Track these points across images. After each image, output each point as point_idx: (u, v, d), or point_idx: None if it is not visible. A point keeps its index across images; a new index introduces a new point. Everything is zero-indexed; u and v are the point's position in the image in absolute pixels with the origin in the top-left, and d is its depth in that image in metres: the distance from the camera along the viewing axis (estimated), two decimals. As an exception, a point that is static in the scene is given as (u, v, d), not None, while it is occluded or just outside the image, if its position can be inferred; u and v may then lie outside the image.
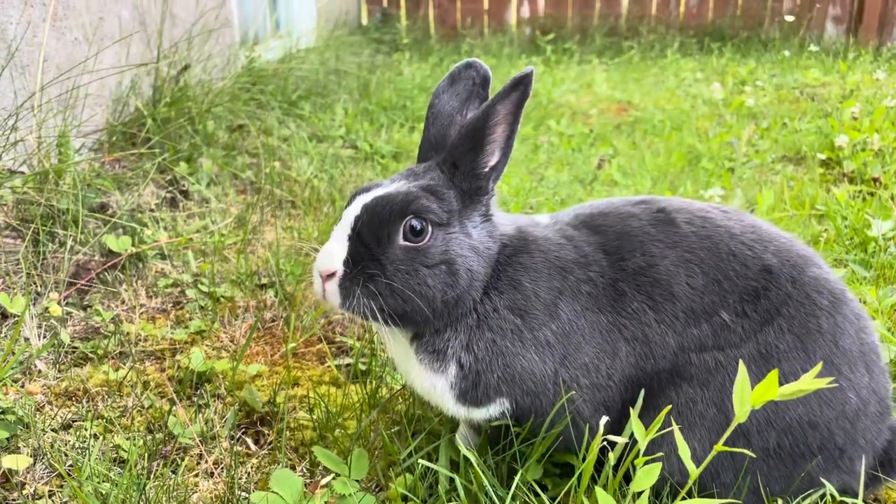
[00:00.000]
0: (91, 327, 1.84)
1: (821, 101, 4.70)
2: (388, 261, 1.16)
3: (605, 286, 1.23)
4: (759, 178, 3.17)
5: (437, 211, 1.17)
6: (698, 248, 1.22)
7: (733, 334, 1.17)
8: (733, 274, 1.20)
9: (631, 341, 1.20)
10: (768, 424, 1.14)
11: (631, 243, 1.23)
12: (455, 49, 6.36)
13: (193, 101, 3.26)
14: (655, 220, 1.26)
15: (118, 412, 1.51)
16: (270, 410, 1.53)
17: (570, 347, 1.21)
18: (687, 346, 1.19)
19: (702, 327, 1.18)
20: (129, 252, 2.10)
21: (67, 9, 2.88)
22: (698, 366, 1.18)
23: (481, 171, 1.22)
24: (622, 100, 4.88)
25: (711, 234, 1.23)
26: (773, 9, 6.76)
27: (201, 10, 3.95)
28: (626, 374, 1.21)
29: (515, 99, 1.16)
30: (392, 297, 1.15)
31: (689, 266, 1.21)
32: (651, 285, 1.20)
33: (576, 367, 1.21)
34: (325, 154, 3.28)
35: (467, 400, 1.24)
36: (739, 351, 1.16)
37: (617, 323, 1.21)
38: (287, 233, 2.39)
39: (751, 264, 1.20)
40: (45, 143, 2.49)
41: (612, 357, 1.21)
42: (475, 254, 1.20)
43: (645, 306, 1.20)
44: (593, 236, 1.27)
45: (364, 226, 1.16)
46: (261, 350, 1.76)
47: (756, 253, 1.21)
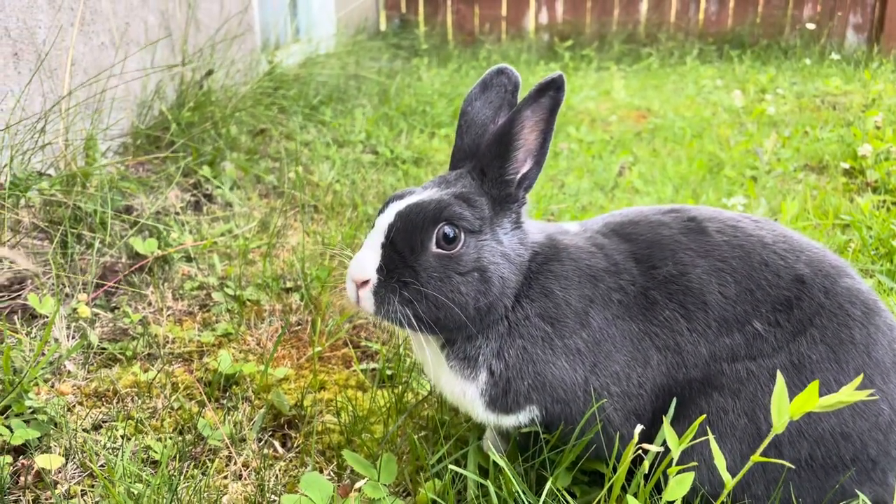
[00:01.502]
0: (119, 329, 1.86)
1: (842, 110, 4.67)
2: (422, 268, 1.16)
3: (636, 294, 1.23)
4: (782, 187, 3.15)
5: (470, 218, 1.18)
6: (730, 257, 1.21)
7: (766, 344, 1.17)
8: (766, 283, 1.19)
9: (663, 350, 1.20)
10: (800, 435, 1.13)
11: (662, 252, 1.24)
12: (473, 55, 6.37)
13: (217, 106, 3.29)
14: (686, 229, 1.26)
15: (148, 413, 1.52)
16: (297, 414, 1.54)
17: (600, 355, 1.21)
18: (719, 356, 1.18)
19: (734, 336, 1.18)
20: (156, 255, 2.12)
21: (95, 13, 2.92)
22: (730, 375, 1.17)
23: (510, 178, 1.22)
24: (641, 107, 4.87)
25: (743, 243, 1.23)
26: (793, 17, 6.72)
27: (225, 16, 3.99)
28: (657, 383, 1.21)
29: (546, 105, 1.17)
30: (426, 304, 1.16)
31: (722, 275, 1.20)
32: (683, 293, 1.20)
33: (606, 375, 1.21)
34: (346, 159, 3.30)
35: (497, 407, 1.24)
36: (771, 361, 1.16)
37: (648, 331, 1.21)
38: (311, 237, 2.40)
39: (783, 274, 1.20)
40: (73, 146, 2.53)
41: (643, 366, 1.21)
42: (507, 261, 1.21)
43: (677, 315, 1.20)
44: (624, 244, 1.27)
45: (398, 233, 1.17)
46: (287, 353, 1.77)
47: (788, 263, 1.21)
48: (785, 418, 0.87)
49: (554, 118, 1.19)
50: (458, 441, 1.42)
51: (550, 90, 1.16)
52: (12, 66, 2.45)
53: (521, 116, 1.17)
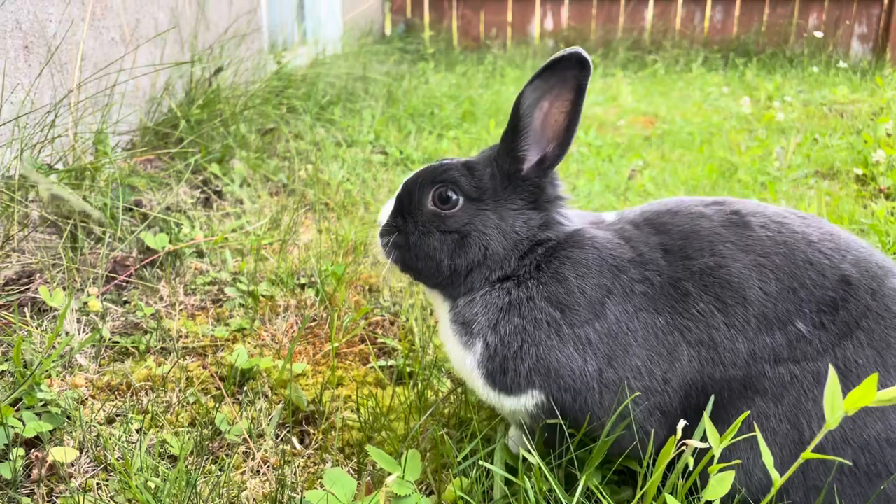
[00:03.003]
0: (130, 323, 1.82)
1: (850, 118, 4.66)
2: (413, 220, 1.28)
3: (662, 286, 1.19)
4: (794, 193, 3.13)
5: (465, 184, 1.25)
6: (773, 253, 1.18)
7: (811, 347, 1.13)
8: (810, 283, 1.16)
9: (695, 345, 1.16)
10: (845, 442, 1.10)
11: (699, 243, 1.20)
12: (479, 60, 6.36)
13: (226, 104, 3.27)
14: (728, 222, 1.22)
15: (163, 407, 1.49)
16: (316, 410, 1.51)
17: (617, 348, 1.18)
18: (759, 356, 1.14)
19: (775, 336, 1.14)
20: (167, 250, 2.09)
21: (106, 9, 2.90)
22: (773, 379, 1.13)
23: (519, 155, 1.23)
24: (649, 112, 4.85)
25: (788, 239, 1.19)
26: (798, 25, 6.73)
27: (234, 14, 3.98)
28: (687, 380, 1.17)
29: (571, 86, 1.17)
30: (409, 253, 1.28)
31: (763, 271, 1.17)
32: (721, 287, 1.17)
33: (625, 368, 1.18)
34: (355, 158, 3.27)
35: (496, 384, 1.23)
36: (817, 365, 1.12)
37: (678, 325, 1.17)
38: (324, 234, 2.37)
39: (829, 274, 1.16)
40: (82, 140, 2.50)
41: (669, 361, 1.17)
42: (499, 233, 1.24)
43: (713, 308, 1.16)
44: (654, 236, 1.24)
45: (407, 188, 1.30)
46: (303, 349, 1.74)
47: (834, 262, 1.17)
48: (839, 413, 0.84)
49: (580, 99, 1.18)
50: (482, 439, 1.38)
51: (572, 68, 1.15)
52: (23, 58, 2.43)
53: (528, 90, 1.17)
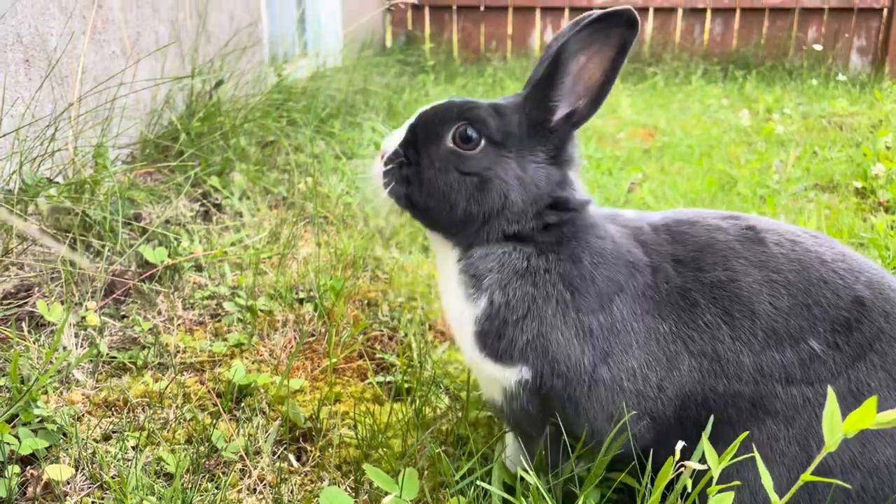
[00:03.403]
0: (128, 337, 1.82)
1: (849, 131, 4.66)
2: (428, 154, 1.19)
3: (669, 293, 1.18)
4: (794, 206, 3.13)
5: (492, 126, 1.18)
6: (786, 270, 1.17)
7: (824, 368, 1.12)
8: (824, 302, 1.15)
9: (697, 356, 1.16)
10: (853, 465, 1.09)
11: (713, 256, 1.20)
12: (479, 72, 6.38)
13: (226, 117, 3.28)
14: (743, 237, 1.22)
15: (160, 424, 1.48)
16: (313, 426, 1.50)
17: (616, 346, 1.17)
18: (768, 372, 1.14)
19: (785, 352, 1.14)
20: (166, 263, 2.08)
21: (106, 22, 2.91)
22: (785, 401, 1.13)
23: (552, 105, 1.19)
24: (648, 124, 4.86)
25: (802, 257, 1.19)
26: (797, 38, 6.75)
27: (235, 28, 3.99)
28: (685, 390, 1.17)
29: (615, 42, 1.13)
30: (419, 189, 1.19)
31: (775, 286, 1.16)
32: (729, 300, 1.16)
33: (620, 368, 1.16)
34: (355, 171, 3.27)
35: (487, 347, 1.19)
36: (831, 386, 1.11)
37: (682, 334, 1.17)
38: (323, 248, 2.37)
39: (842, 294, 1.16)
40: (82, 154, 2.50)
41: (667, 368, 1.17)
42: (519, 184, 1.19)
43: (719, 320, 1.16)
44: (669, 244, 1.23)
45: (423, 120, 1.22)
46: (301, 365, 1.73)
47: (847, 283, 1.17)
48: (838, 436, 0.83)
49: (622, 59, 1.14)
50: (480, 458, 1.38)
51: (620, 25, 1.11)
52: (23, 72, 2.44)
53: (571, 40, 1.12)
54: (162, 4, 3.31)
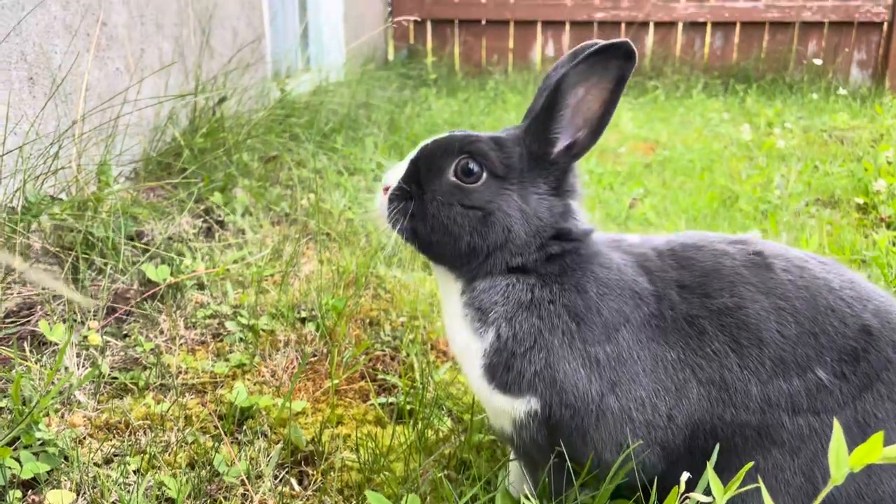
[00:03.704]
0: (130, 357, 1.81)
1: (850, 145, 4.67)
2: (431, 188, 1.20)
3: (675, 320, 1.18)
4: (796, 222, 3.13)
5: (493, 159, 1.19)
6: (794, 297, 1.17)
7: (831, 398, 1.12)
8: (832, 330, 1.14)
9: (706, 384, 1.15)
10: (859, 496, 1.08)
11: (720, 282, 1.19)
12: (480, 86, 6.40)
13: (229, 132, 3.29)
14: (750, 263, 1.21)
15: (161, 447, 1.47)
16: (315, 450, 1.50)
17: (624, 376, 1.16)
18: (775, 402, 1.13)
19: (792, 382, 1.13)
20: (168, 282, 2.09)
21: (110, 39, 2.93)
22: (791, 431, 1.12)
23: (552, 137, 1.19)
24: (650, 138, 4.87)
25: (809, 284, 1.18)
26: (797, 52, 6.77)
27: (238, 44, 4.01)
28: (694, 418, 1.16)
29: (613, 75, 1.13)
30: (423, 223, 1.20)
31: (782, 314, 1.16)
32: (737, 327, 1.16)
33: (629, 398, 1.16)
34: (357, 187, 3.28)
35: (495, 378, 1.20)
36: (837, 417, 1.10)
37: (690, 362, 1.16)
38: (325, 265, 2.37)
39: (850, 322, 1.15)
40: (85, 171, 2.51)
41: (676, 397, 1.16)
42: (522, 216, 1.19)
43: (727, 348, 1.15)
44: (674, 270, 1.23)
45: (425, 154, 1.23)
46: (303, 386, 1.73)
47: (855, 311, 1.16)
48: (844, 470, 0.83)
49: (620, 90, 1.15)
50: (483, 483, 1.37)
51: (618, 58, 1.12)
52: (27, 90, 2.45)
53: (571, 73, 1.13)
54: (166, 21, 3.33)
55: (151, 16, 3.22)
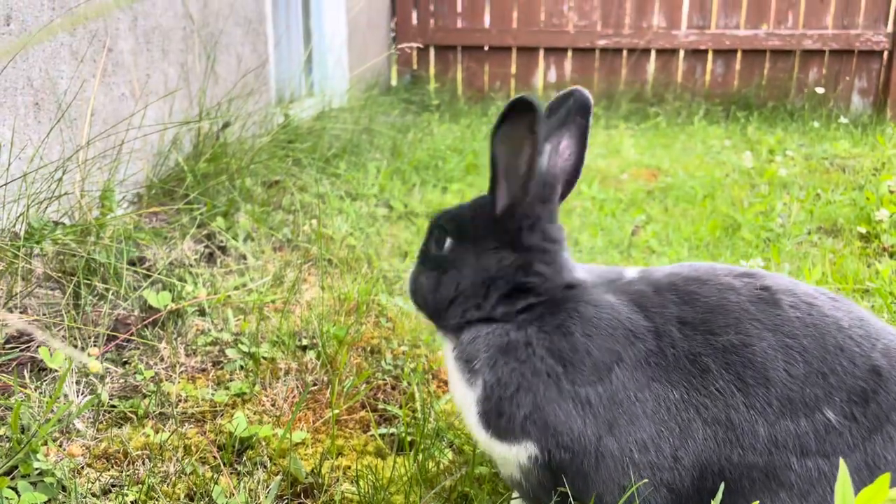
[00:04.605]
0: (130, 385, 1.80)
1: (852, 173, 4.68)
2: (419, 259, 1.39)
3: (677, 358, 1.17)
4: (798, 251, 3.12)
5: (453, 225, 1.33)
6: (802, 335, 1.15)
7: (841, 439, 1.10)
8: (840, 370, 1.12)
9: (712, 424, 1.14)
10: None
11: (725, 318, 1.17)
12: (483, 111, 6.45)
13: (232, 158, 3.30)
14: (757, 298, 1.19)
15: (159, 478, 1.46)
16: (314, 481, 1.48)
17: (620, 417, 1.15)
18: (782, 443, 1.11)
19: (800, 423, 1.11)
20: (169, 308, 2.08)
21: (116, 65, 2.96)
22: (800, 473, 1.10)
23: (493, 197, 1.26)
24: (652, 165, 4.89)
25: (818, 322, 1.16)
26: (798, 80, 6.82)
27: (243, 70, 4.05)
28: (702, 459, 1.14)
29: (522, 130, 1.15)
30: (410, 288, 1.39)
31: (790, 353, 1.14)
32: (743, 366, 1.14)
33: (629, 441, 1.15)
34: (359, 213, 3.29)
35: (490, 426, 1.22)
36: (847, 460, 1.08)
37: (694, 401, 1.15)
38: (327, 292, 2.36)
39: (859, 362, 1.13)
40: (88, 196, 2.52)
41: (681, 438, 1.14)
42: (471, 271, 1.28)
43: (733, 387, 1.13)
44: (675, 305, 1.21)
45: (427, 229, 1.41)
46: (303, 416, 1.72)
47: (864, 351, 1.14)
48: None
49: (536, 143, 1.15)
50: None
51: (524, 114, 1.13)
52: (33, 115, 2.47)
53: (496, 137, 1.19)
54: (171, 47, 3.37)
55: (158, 42, 3.26)
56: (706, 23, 6.87)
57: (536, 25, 7.09)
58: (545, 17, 7.08)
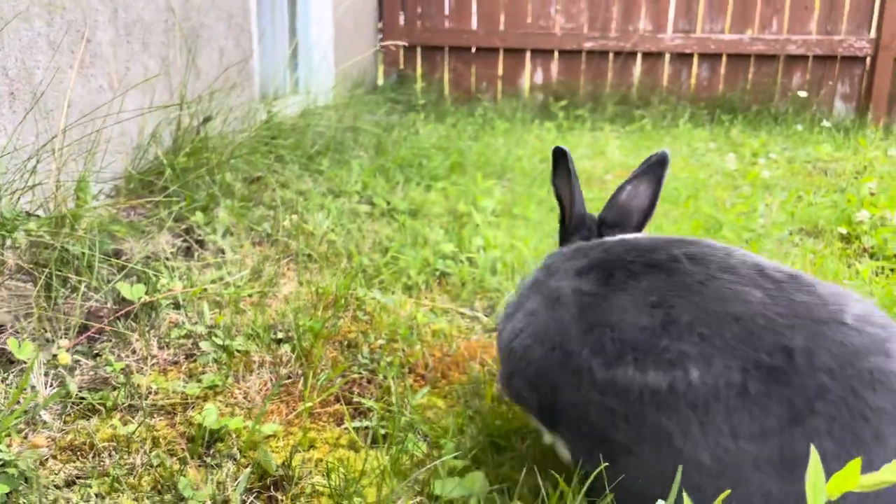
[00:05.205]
0: (100, 377, 1.77)
1: (834, 176, 4.71)
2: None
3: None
4: (779, 250, 3.13)
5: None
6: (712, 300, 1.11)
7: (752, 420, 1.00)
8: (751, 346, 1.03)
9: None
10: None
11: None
12: (469, 112, 6.44)
13: (213, 152, 3.27)
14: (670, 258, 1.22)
15: (125, 470, 1.43)
16: (284, 474, 1.45)
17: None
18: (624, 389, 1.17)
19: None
20: (143, 301, 2.05)
21: (95, 56, 2.91)
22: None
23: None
24: (636, 166, 4.89)
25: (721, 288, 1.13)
26: (782, 84, 6.87)
27: (225, 64, 4.01)
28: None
29: (564, 167, 1.65)
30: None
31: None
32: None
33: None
34: (341, 209, 3.26)
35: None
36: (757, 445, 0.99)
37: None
38: (305, 287, 2.34)
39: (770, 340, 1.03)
40: (63, 187, 2.47)
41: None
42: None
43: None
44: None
45: None
46: (275, 408, 1.69)
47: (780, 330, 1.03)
48: (822, 498, 0.80)
49: (572, 177, 1.65)
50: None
51: (561, 157, 1.66)
52: (7, 105, 2.42)
53: (553, 178, 1.71)
54: (152, 40, 3.33)
55: (138, 34, 3.22)
56: (692, 27, 6.90)
57: (523, 27, 7.09)
58: (532, 19, 7.08)
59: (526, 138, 5.61)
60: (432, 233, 2.95)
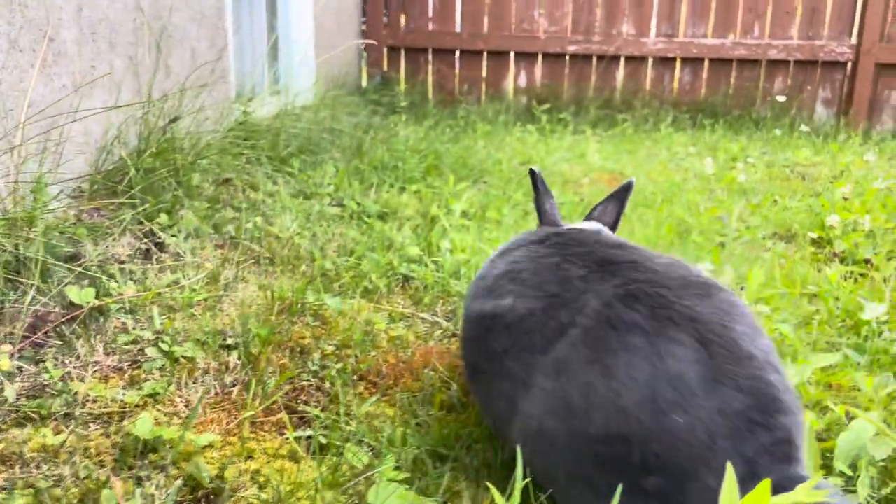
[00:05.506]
0: (39, 384, 1.72)
1: (811, 181, 4.71)
2: None
3: None
4: (750, 255, 3.11)
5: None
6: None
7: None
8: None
9: None
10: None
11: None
12: (451, 114, 6.41)
13: (180, 153, 3.22)
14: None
15: (52, 482, 1.38)
16: (218, 486, 1.41)
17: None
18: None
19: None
20: (92, 305, 2.00)
21: (58, 55, 2.86)
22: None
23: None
24: (614, 170, 4.88)
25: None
26: (764, 89, 6.87)
27: (196, 63, 3.96)
28: None
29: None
30: None
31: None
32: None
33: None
34: (310, 211, 3.22)
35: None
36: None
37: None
38: (262, 291, 2.30)
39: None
40: (19, 188, 2.42)
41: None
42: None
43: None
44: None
45: None
46: (216, 417, 1.64)
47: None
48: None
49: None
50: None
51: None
52: (-38, 103, 2.37)
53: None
54: (120, 39, 3.28)
55: (104, 33, 3.17)
56: (674, 31, 6.90)
57: (507, 30, 7.07)
58: (516, 22, 7.06)
59: (507, 141, 5.59)
60: (399, 235, 2.91)
